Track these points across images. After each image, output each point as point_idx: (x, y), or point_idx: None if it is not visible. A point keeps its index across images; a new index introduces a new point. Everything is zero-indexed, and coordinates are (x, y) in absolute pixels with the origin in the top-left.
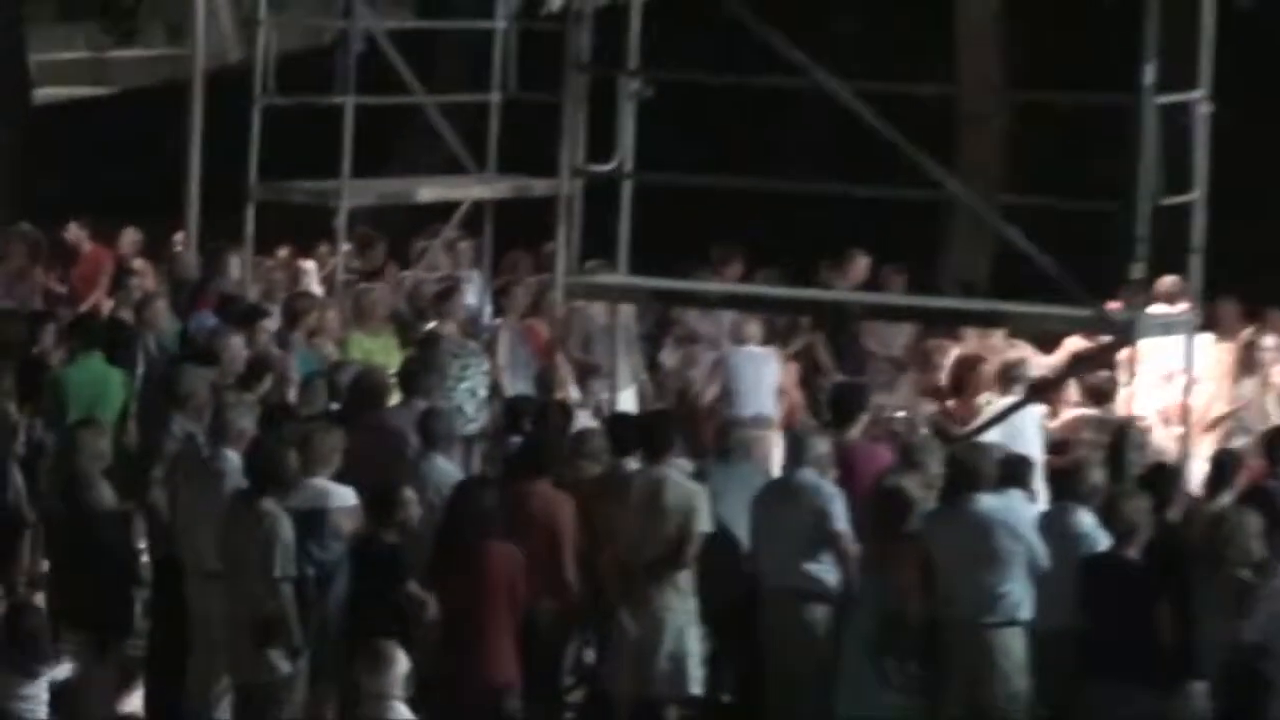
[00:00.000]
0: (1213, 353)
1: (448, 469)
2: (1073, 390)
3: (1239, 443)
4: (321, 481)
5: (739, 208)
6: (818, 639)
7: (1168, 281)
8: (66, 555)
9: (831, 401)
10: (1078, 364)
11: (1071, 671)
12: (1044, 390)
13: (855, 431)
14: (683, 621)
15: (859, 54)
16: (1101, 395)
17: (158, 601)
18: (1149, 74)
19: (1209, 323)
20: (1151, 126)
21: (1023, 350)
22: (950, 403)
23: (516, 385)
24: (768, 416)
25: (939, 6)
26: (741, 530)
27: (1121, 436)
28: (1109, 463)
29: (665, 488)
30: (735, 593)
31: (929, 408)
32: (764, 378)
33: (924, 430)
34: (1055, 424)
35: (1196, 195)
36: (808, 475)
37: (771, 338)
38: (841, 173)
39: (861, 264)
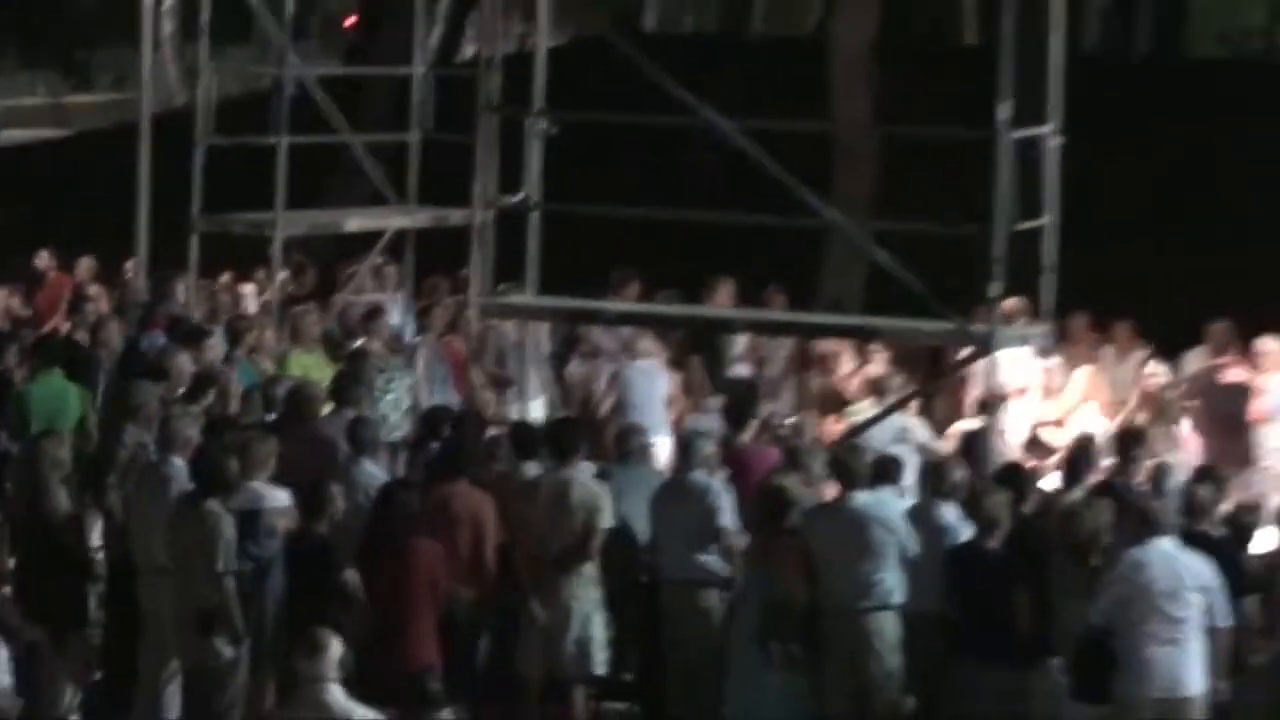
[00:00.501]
0: (1079, 376)
1: (374, 472)
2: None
3: None
4: (259, 484)
5: (640, 235)
6: (711, 624)
7: (1011, 302)
8: (28, 555)
9: (724, 408)
10: (939, 377)
11: (939, 651)
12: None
13: (746, 435)
14: (588, 608)
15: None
16: (985, 407)
17: (112, 595)
18: (1004, 111)
19: (1061, 336)
20: (1007, 159)
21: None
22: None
23: (435, 397)
24: (659, 423)
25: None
26: (640, 526)
27: (975, 438)
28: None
29: (572, 488)
30: (635, 582)
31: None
32: (655, 389)
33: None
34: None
35: (1048, 220)
36: (699, 476)
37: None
38: (733, 203)
39: (727, 288)
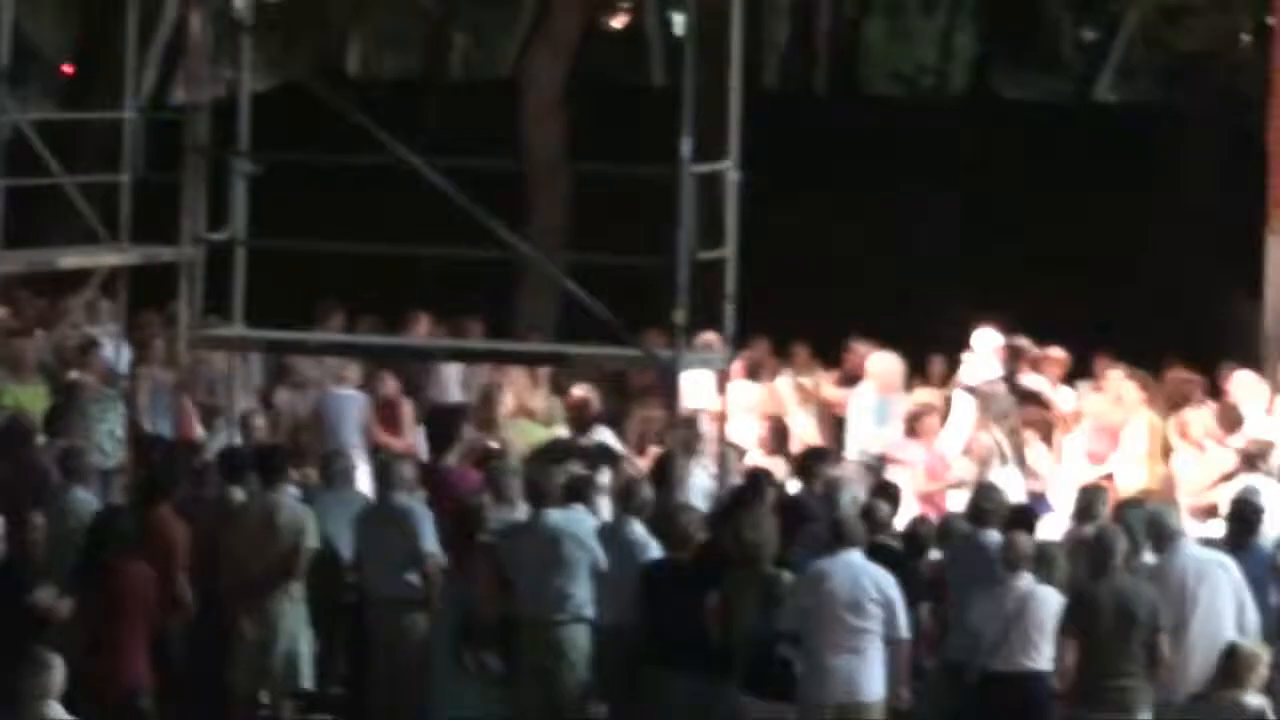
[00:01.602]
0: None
1: (86, 499)
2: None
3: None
4: None
5: (345, 269)
6: (415, 640)
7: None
8: None
9: (430, 431)
10: (635, 400)
11: (630, 662)
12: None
13: (451, 458)
14: (295, 625)
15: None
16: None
17: None
18: (686, 147)
19: (745, 360)
20: (690, 192)
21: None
22: None
23: (159, 426)
24: (355, 446)
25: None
26: (343, 546)
27: (667, 460)
28: (656, 480)
29: (278, 510)
30: (340, 599)
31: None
32: (352, 414)
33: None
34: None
35: (728, 251)
36: (400, 498)
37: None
38: (437, 237)
39: (424, 322)
